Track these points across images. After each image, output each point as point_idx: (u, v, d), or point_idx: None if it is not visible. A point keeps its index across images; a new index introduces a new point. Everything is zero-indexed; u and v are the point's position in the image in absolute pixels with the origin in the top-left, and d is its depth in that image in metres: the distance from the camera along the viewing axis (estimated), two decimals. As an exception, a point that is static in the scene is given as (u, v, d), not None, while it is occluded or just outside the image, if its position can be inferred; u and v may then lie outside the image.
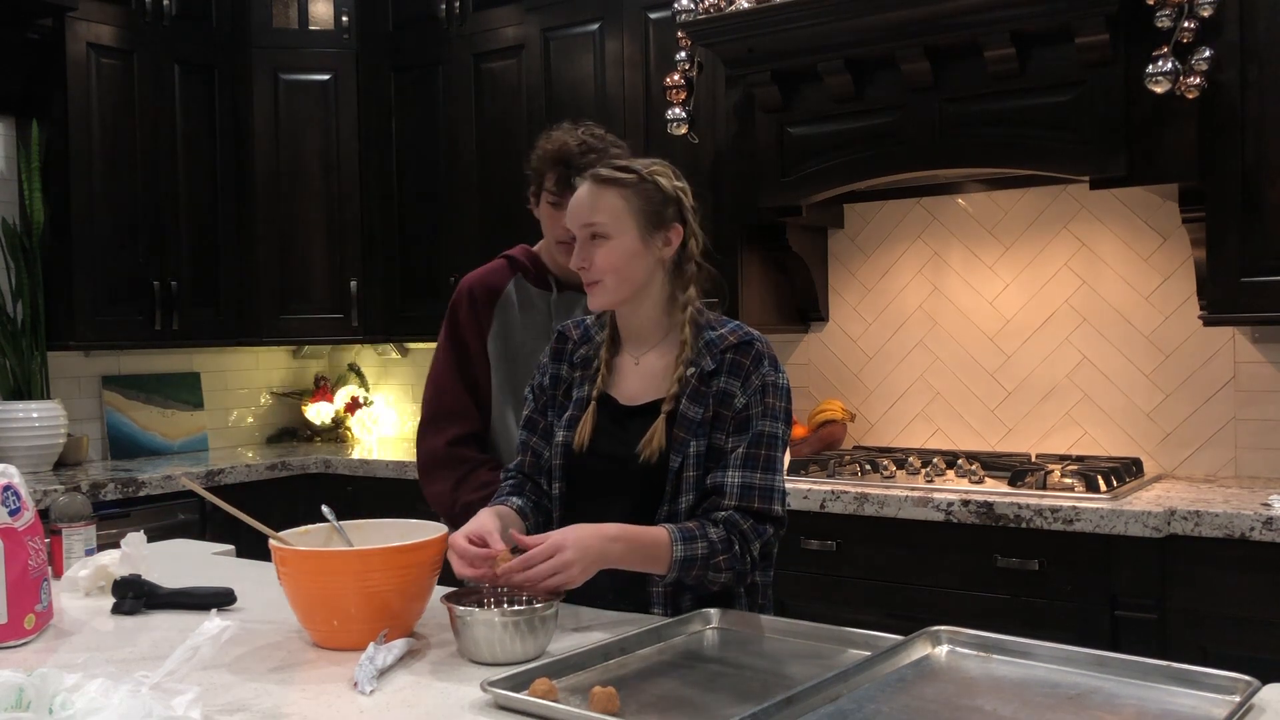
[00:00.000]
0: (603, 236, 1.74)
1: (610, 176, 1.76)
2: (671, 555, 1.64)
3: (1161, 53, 2.59)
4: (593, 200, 1.76)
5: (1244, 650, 2.41)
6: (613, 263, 1.73)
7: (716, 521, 1.69)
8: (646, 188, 1.76)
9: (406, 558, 1.56)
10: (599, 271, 1.75)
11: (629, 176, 1.76)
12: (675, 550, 1.64)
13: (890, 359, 3.58)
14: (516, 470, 1.90)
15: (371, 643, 1.47)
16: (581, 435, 1.79)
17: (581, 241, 1.77)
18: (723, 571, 1.67)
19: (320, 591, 1.55)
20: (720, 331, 1.78)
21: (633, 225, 1.74)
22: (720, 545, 1.66)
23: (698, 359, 1.75)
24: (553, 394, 1.88)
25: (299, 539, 1.70)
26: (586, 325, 1.91)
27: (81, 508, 2.22)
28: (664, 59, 3.53)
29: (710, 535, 1.66)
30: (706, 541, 1.65)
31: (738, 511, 1.69)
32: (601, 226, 1.74)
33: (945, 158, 3.00)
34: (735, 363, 1.74)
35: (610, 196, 1.75)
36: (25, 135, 3.80)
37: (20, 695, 1.16)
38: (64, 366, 4.01)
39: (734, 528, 1.68)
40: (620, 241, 1.74)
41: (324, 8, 4.35)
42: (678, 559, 1.64)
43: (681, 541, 1.64)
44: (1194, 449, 3.09)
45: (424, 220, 4.24)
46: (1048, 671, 1.39)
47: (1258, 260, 2.68)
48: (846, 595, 2.86)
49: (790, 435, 1.80)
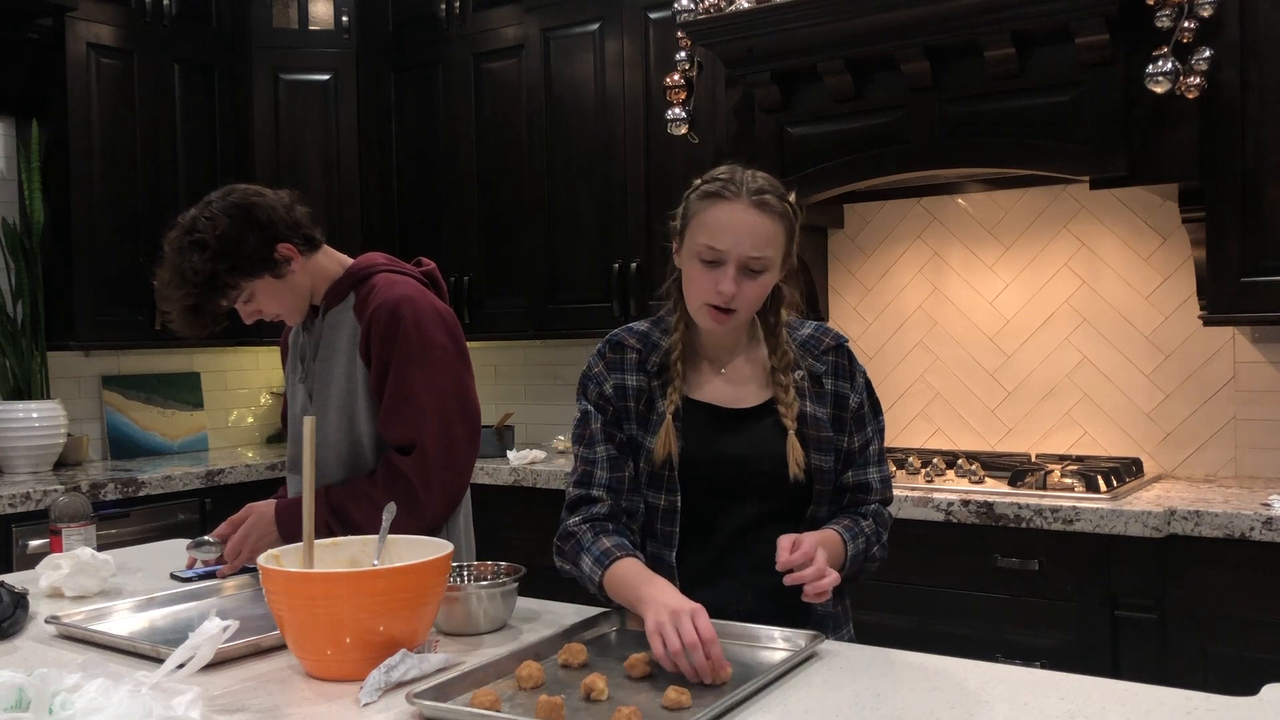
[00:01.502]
0: (761, 270, 1.64)
1: (777, 206, 1.65)
2: (846, 552, 1.69)
3: (1161, 53, 2.59)
4: (762, 230, 1.63)
5: (1244, 650, 2.41)
6: (760, 296, 1.67)
7: (866, 515, 1.76)
8: (793, 219, 1.68)
9: (407, 580, 1.43)
10: (744, 305, 1.65)
11: (785, 206, 1.67)
12: (849, 547, 1.69)
13: (890, 359, 3.58)
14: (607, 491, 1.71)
15: (402, 649, 1.41)
16: (664, 449, 1.68)
17: (734, 269, 1.63)
18: (875, 561, 1.76)
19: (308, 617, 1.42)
20: (808, 332, 1.79)
21: (783, 259, 1.68)
22: (873, 537, 1.75)
23: (800, 361, 1.75)
24: (622, 405, 1.74)
25: (326, 551, 1.61)
26: (642, 332, 1.79)
27: (81, 508, 2.22)
28: (664, 59, 3.53)
29: (864, 529, 1.73)
30: (864, 537, 1.73)
31: (883, 504, 1.80)
32: (767, 261, 1.64)
33: (945, 158, 3.00)
34: (837, 364, 1.78)
35: (775, 227, 1.64)
36: (25, 135, 3.80)
37: (20, 695, 1.16)
38: (64, 366, 4.01)
39: (881, 520, 1.78)
40: (773, 275, 1.67)
41: (324, 8, 4.35)
42: (850, 555, 1.69)
43: (851, 539, 1.70)
44: (1194, 449, 3.09)
45: (424, 220, 4.24)
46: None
47: (1258, 260, 2.68)
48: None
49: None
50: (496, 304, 4.06)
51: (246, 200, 2.02)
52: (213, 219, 1.98)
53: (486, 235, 4.08)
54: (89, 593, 1.93)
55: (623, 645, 1.56)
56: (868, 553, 1.74)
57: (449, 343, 2.03)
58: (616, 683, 1.38)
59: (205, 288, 1.98)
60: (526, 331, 3.98)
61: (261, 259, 2.01)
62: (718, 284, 1.62)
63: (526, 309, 3.97)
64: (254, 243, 1.99)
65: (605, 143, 3.74)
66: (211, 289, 1.98)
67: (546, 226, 3.92)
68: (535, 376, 4.39)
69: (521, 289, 3.97)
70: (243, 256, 1.99)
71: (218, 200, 2.02)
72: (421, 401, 1.98)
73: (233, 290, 2.01)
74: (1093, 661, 2.53)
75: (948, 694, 1.33)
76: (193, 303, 1.99)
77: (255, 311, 2.09)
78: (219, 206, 2.01)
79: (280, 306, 2.09)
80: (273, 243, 2.02)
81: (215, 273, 1.97)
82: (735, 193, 1.64)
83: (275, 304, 2.08)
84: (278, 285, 2.05)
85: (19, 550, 3.18)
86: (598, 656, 1.48)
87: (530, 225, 3.97)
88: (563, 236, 3.87)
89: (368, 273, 2.11)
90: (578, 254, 3.83)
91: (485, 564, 1.76)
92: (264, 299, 2.06)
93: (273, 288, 2.05)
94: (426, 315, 2.03)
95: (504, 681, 1.38)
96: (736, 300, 1.64)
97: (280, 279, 2.04)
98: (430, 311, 2.05)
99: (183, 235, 2.00)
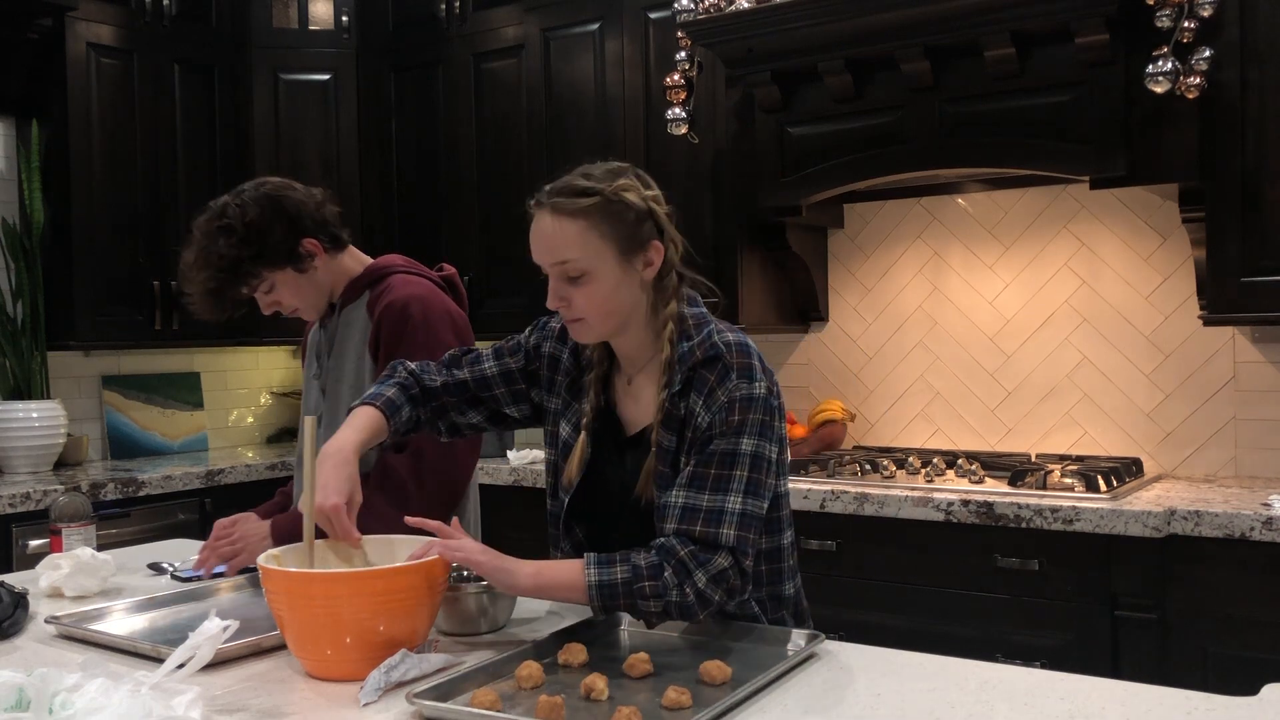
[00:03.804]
0: (579, 275, 1.55)
1: (572, 206, 1.55)
2: (585, 579, 1.49)
3: (1161, 53, 2.59)
4: (560, 234, 1.55)
5: (1244, 650, 2.41)
6: (596, 302, 1.56)
7: (650, 547, 1.51)
8: (615, 208, 1.55)
9: (402, 580, 1.43)
10: (581, 312, 1.57)
11: (592, 201, 1.55)
12: (589, 574, 1.48)
13: (890, 359, 3.58)
14: (445, 385, 1.74)
15: (403, 649, 1.41)
16: (570, 472, 1.66)
17: (554, 280, 1.58)
18: (650, 599, 1.48)
19: (308, 617, 1.42)
20: (690, 344, 1.59)
21: (609, 254, 1.55)
22: (646, 571, 1.48)
23: (671, 379, 1.58)
24: (548, 375, 1.73)
25: (327, 551, 1.60)
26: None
27: (81, 508, 2.22)
28: (664, 59, 3.53)
29: (635, 560, 1.49)
30: (629, 566, 1.48)
31: (677, 536, 1.50)
32: (575, 265, 1.55)
33: (945, 158, 3.00)
34: (701, 379, 1.56)
35: (573, 227, 1.54)
36: (25, 135, 3.80)
37: (20, 695, 1.16)
38: (64, 366, 4.01)
39: (669, 554, 1.49)
40: (597, 278, 1.55)
41: (324, 8, 4.35)
42: (593, 584, 1.48)
43: (596, 565, 1.49)
44: (1194, 449, 3.09)
45: (424, 220, 4.24)
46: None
47: (1258, 260, 2.68)
48: (846, 595, 2.86)
49: (773, 450, 1.59)
50: (496, 304, 4.06)
51: (278, 192, 2.07)
52: (243, 206, 2.03)
53: (486, 235, 4.08)
54: (89, 593, 1.93)
55: (623, 645, 1.56)
56: (631, 587, 1.47)
57: (456, 344, 2.04)
58: (616, 683, 1.37)
59: (229, 273, 2.02)
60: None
61: (286, 251, 2.05)
62: (552, 301, 1.60)
63: (526, 309, 3.96)
64: (280, 234, 2.04)
65: (605, 143, 3.73)
66: (234, 275, 2.02)
67: (546, 226, 3.91)
68: (535, 376, 4.39)
69: (521, 289, 3.97)
70: (268, 246, 2.03)
71: (250, 189, 2.07)
72: None
73: (254, 279, 2.05)
74: (1093, 662, 2.53)
75: (948, 694, 1.33)
76: (215, 286, 2.03)
77: (274, 303, 2.12)
78: (250, 195, 2.05)
79: (299, 300, 2.13)
80: (298, 236, 2.06)
81: (240, 259, 2.01)
82: (540, 202, 1.59)
83: (295, 297, 2.12)
84: (299, 279, 2.09)
85: (19, 550, 3.18)
86: (598, 656, 1.48)
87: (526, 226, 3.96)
88: (563, 236, 3.87)
89: (384, 272, 2.15)
90: (578, 254, 3.82)
91: None
92: (284, 291, 2.10)
93: (294, 281, 2.09)
94: (436, 315, 2.06)
95: (504, 681, 1.38)
96: (573, 309, 1.57)
97: (302, 273, 2.09)
98: (441, 312, 2.08)
99: (212, 219, 2.04)
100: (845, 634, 2.07)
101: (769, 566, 1.67)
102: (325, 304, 2.18)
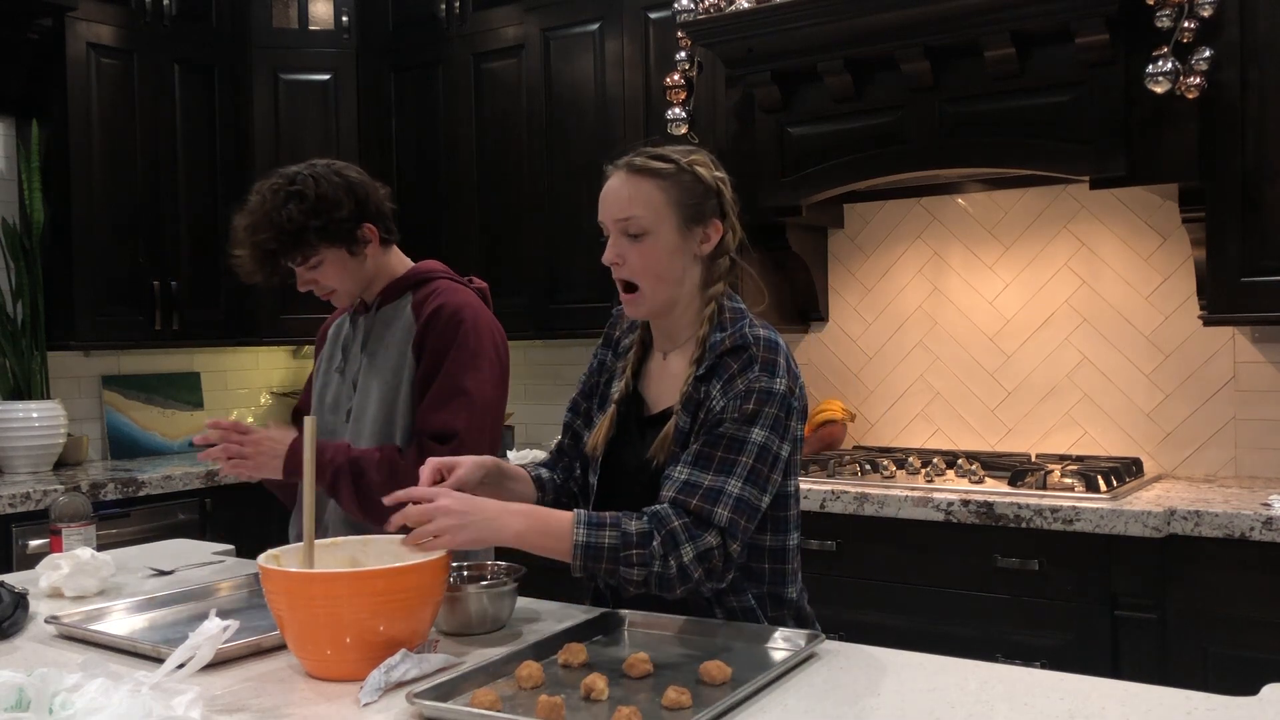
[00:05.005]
0: (640, 233, 1.63)
1: (645, 166, 1.64)
2: (573, 539, 1.50)
3: (1161, 53, 2.59)
4: (629, 191, 1.63)
5: (1244, 650, 2.41)
6: (650, 262, 1.63)
7: (644, 513, 1.53)
8: (685, 179, 1.64)
9: (402, 580, 1.42)
10: (633, 271, 1.64)
11: (667, 166, 1.64)
12: (577, 534, 1.49)
13: (890, 359, 3.58)
14: (555, 449, 1.88)
15: (403, 649, 1.41)
16: (595, 440, 1.73)
17: (613, 235, 1.65)
18: (634, 567, 1.50)
19: (308, 617, 1.42)
20: (726, 332, 1.63)
21: (671, 219, 1.63)
22: (636, 539, 1.49)
23: (702, 358, 1.63)
24: (597, 380, 1.83)
25: (327, 551, 1.60)
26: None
27: (81, 508, 2.22)
28: (664, 59, 3.53)
29: (626, 527, 1.50)
30: (619, 532, 1.49)
31: (673, 505, 1.53)
32: (639, 221, 1.62)
33: (945, 158, 3.00)
34: (725, 365, 1.60)
35: (647, 186, 1.62)
36: (25, 135, 3.80)
37: (20, 695, 1.16)
38: (64, 366, 4.01)
39: (661, 523, 1.51)
40: (656, 238, 1.62)
41: (324, 8, 4.35)
42: (579, 544, 1.49)
43: (586, 526, 1.50)
44: (1194, 449, 3.09)
45: (424, 220, 4.24)
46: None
47: (1258, 260, 2.68)
48: (846, 595, 2.86)
49: (784, 448, 1.60)
50: (496, 304, 3.95)
51: (349, 172, 2.14)
52: (316, 177, 2.08)
53: (486, 235, 4.08)
54: (89, 593, 1.93)
55: (623, 645, 1.56)
56: (618, 554, 1.49)
57: (495, 357, 2.13)
58: (616, 683, 1.37)
59: (291, 238, 2.05)
60: (526, 331, 3.97)
61: (347, 230, 2.09)
62: (610, 256, 1.66)
63: (527, 309, 3.97)
64: (347, 211, 2.08)
65: (605, 143, 3.73)
66: (295, 241, 2.05)
67: (546, 226, 3.91)
68: (535, 376, 4.39)
69: (521, 289, 3.97)
70: (333, 220, 2.06)
71: (322, 165, 2.12)
72: (471, 397, 2.05)
73: (311, 250, 2.08)
74: (1093, 661, 2.53)
75: (948, 694, 1.33)
76: (274, 248, 2.06)
77: (313, 281, 2.15)
78: (323, 170, 2.10)
79: (341, 283, 2.16)
80: (361, 219, 2.11)
81: (305, 227, 2.04)
82: (615, 165, 1.68)
83: (338, 279, 2.15)
84: (349, 262, 2.13)
85: (19, 550, 3.18)
86: (598, 656, 1.48)
87: (530, 225, 3.97)
88: (563, 236, 3.87)
89: (429, 276, 2.20)
90: (578, 254, 3.82)
91: (485, 564, 1.77)
92: (330, 270, 2.13)
93: (344, 262, 2.13)
94: (485, 325, 2.13)
95: (504, 681, 1.38)
96: (626, 268, 1.64)
97: (354, 256, 2.13)
98: (489, 323, 2.15)
99: (283, 184, 2.07)
100: (845, 634, 2.07)
101: (772, 565, 1.67)
102: (359, 293, 2.21)
